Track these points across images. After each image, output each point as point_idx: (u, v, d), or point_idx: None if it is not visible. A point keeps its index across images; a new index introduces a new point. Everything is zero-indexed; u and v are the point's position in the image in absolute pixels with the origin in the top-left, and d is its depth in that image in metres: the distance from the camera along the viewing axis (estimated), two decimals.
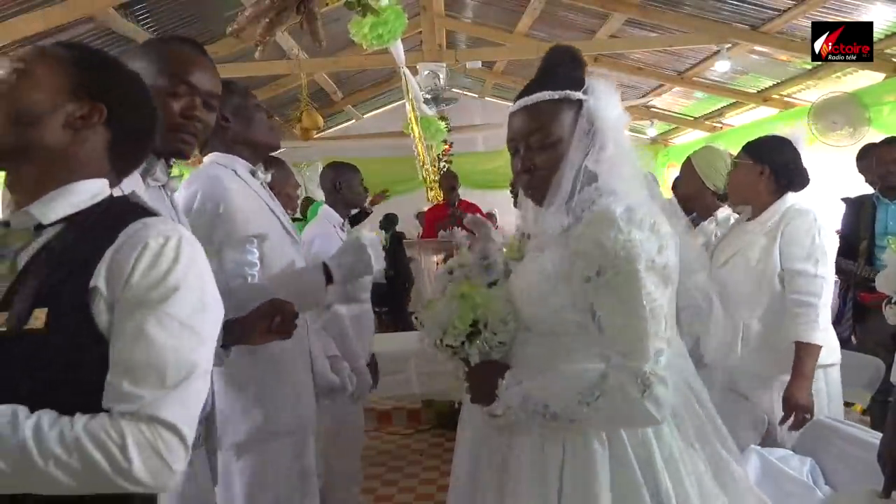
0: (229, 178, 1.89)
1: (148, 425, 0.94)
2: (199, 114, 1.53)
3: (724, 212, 2.91)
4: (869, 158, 3.87)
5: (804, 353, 2.27)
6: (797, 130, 2.61)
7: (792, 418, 2.26)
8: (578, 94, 1.38)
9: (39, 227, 1.04)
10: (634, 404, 1.25)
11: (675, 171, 4.21)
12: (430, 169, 5.88)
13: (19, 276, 0.99)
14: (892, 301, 1.98)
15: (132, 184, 1.43)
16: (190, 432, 0.98)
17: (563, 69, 1.45)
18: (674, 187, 3.32)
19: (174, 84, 1.51)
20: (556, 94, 1.38)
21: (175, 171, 1.59)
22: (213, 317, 1.06)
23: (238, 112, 1.97)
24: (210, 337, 1.05)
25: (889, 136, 3.75)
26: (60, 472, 0.91)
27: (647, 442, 1.33)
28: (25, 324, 0.95)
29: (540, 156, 1.39)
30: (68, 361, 0.96)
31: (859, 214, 3.66)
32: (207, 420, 1.56)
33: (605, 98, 1.38)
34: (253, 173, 2.00)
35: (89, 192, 1.07)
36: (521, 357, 1.44)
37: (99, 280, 0.98)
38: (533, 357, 1.42)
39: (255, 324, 1.63)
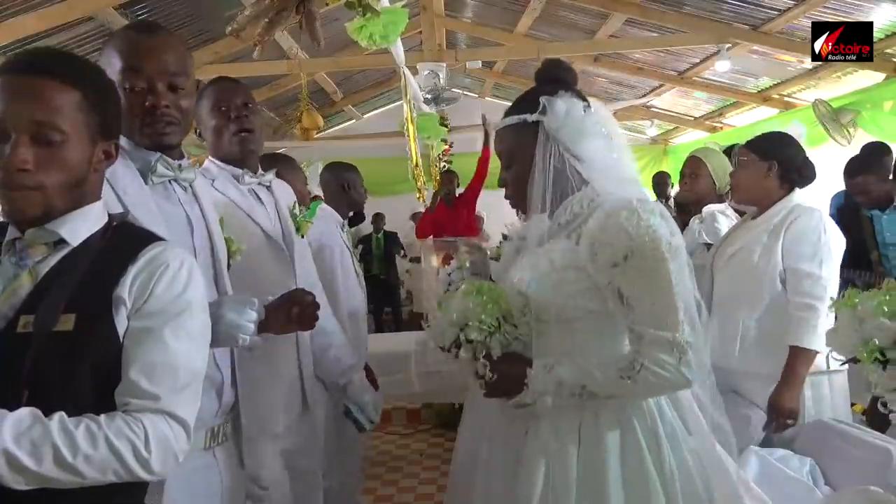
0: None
1: (164, 421, 1.08)
2: (163, 101, 1.42)
3: (709, 208, 2.87)
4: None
5: (800, 358, 2.21)
6: (797, 127, 2.54)
7: (775, 423, 2.22)
8: (535, 116, 1.51)
9: (56, 243, 1.14)
10: (672, 371, 1.36)
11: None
12: (421, 171, 5.80)
13: (42, 285, 1.10)
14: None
15: (129, 183, 1.40)
16: (192, 425, 1.13)
17: (533, 92, 1.57)
18: (681, 187, 3.22)
19: (130, 77, 1.41)
20: (515, 119, 1.54)
21: (187, 163, 1.51)
22: (209, 330, 1.24)
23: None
24: (207, 346, 1.22)
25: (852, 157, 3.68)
26: (87, 466, 1.01)
27: (653, 419, 1.44)
28: (53, 327, 1.06)
29: (507, 172, 1.59)
30: (88, 360, 1.07)
31: (854, 226, 3.57)
32: (233, 412, 1.55)
33: (562, 116, 1.49)
34: (238, 177, 1.95)
35: (98, 214, 1.20)
36: (536, 347, 1.49)
37: (123, 291, 1.11)
38: (548, 346, 1.48)
39: (275, 313, 1.62)
